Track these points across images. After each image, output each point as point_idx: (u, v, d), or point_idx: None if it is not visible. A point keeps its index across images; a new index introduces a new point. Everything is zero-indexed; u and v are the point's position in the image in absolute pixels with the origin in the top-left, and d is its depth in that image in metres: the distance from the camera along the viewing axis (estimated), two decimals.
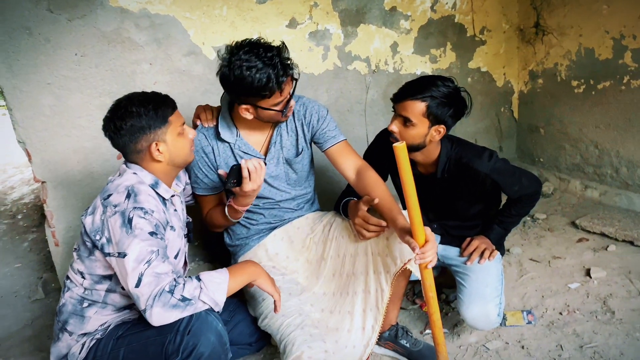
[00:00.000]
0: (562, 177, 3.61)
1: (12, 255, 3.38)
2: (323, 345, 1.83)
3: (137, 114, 1.63)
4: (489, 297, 2.05)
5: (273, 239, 2.19)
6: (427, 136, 1.97)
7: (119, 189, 1.62)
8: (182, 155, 1.77)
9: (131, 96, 1.68)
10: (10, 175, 5.01)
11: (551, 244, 2.93)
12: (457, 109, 1.95)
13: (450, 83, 1.93)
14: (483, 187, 2.11)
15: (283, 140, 2.09)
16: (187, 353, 1.54)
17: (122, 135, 1.65)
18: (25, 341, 2.49)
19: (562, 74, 3.42)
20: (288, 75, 1.79)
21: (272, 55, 1.75)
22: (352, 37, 3.02)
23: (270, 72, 1.73)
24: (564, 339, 2.15)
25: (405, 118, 1.94)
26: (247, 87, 1.75)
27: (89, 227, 1.62)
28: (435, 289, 1.75)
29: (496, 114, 3.79)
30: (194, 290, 1.54)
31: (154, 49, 2.49)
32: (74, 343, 1.72)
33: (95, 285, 1.70)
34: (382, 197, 1.93)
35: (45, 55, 2.27)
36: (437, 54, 3.37)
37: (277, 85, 1.77)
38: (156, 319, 1.50)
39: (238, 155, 2.03)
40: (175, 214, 1.82)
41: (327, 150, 2.10)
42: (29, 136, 2.32)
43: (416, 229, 1.66)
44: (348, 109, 3.13)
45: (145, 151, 1.70)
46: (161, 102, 1.69)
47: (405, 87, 1.96)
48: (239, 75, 1.73)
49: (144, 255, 1.51)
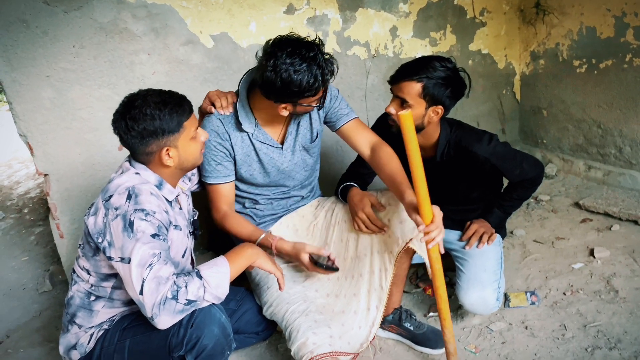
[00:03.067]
0: (565, 158, 3.59)
1: (20, 248, 3.42)
2: (328, 331, 1.84)
3: (150, 117, 1.57)
4: (486, 282, 2.06)
5: (278, 227, 2.19)
6: (425, 117, 1.95)
7: (119, 190, 1.57)
8: (191, 160, 1.74)
9: (147, 96, 1.60)
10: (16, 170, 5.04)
11: (555, 225, 2.92)
12: (455, 90, 1.93)
13: (448, 63, 1.91)
14: (483, 171, 2.09)
15: (299, 126, 2.08)
16: (191, 346, 1.55)
17: (133, 136, 1.60)
18: (34, 332, 2.52)
19: (563, 54, 3.39)
20: (331, 72, 1.79)
21: (315, 54, 1.73)
22: (350, 22, 3.00)
23: (317, 73, 1.73)
24: (568, 318, 2.15)
25: (401, 99, 1.92)
26: (294, 90, 1.74)
27: (92, 229, 1.59)
28: (441, 261, 1.75)
29: (498, 97, 3.76)
30: (197, 290, 1.51)
31: (152, 39, 2.48)
32: (83, 334, 1.73)
33: (101, 282, 1.70)
34: (394, 170, 1.94)
35: (43, 48, 2.27)
36: (437, 37, 3.34)
37: (323, 84, 1.77)
38: (163, 325, 1.49)
39: (256, 146, 2.01)
40: (180, 213, 1.79)
41: (341, 128, 2.10)
42: (30, 129, 2.33)
43: (422, 206, 1.66)
44: (348, 95, 3.12)
45: (154, 155, 1.65)
46: (178, 105, 1.63)
47: (401, 68, 1.95)
48: (287, 79, 1.71)
49: (146, 259, 1.48)
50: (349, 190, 2.12)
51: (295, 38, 1.76)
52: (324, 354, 1.77)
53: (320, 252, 1.92)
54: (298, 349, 1.79)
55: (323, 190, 2.41)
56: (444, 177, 2.16)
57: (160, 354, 1.61)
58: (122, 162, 1.74)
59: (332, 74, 1.80)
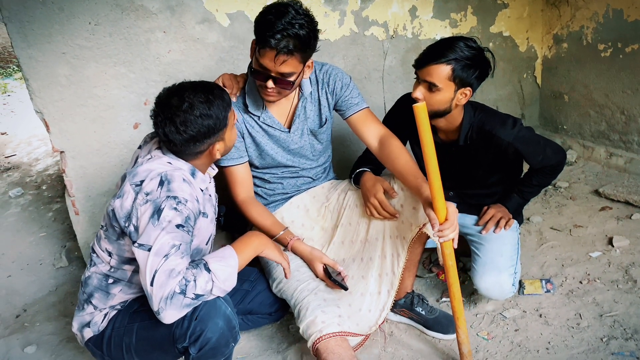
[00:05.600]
0: (586, 145, 3.51)
1: (38, 224, 3.46)
2: (337, 310, 1.84)
3: (202, 120, 1.57)
4: (502, 267, 2.03)
5: (289, 207, 2.19)
6: (454, 100, 1.92)
7: (151, 175, 1.56)
8: (232, 146, 1.78)
9: (191, 97, 1.57)
10: (35, 147, 5.08)
11: (573, 213, 2.87)
12: (482, 70, 1.90)
13: (473, 43, 1.87)
14: (505, 156, 2.06)
15: (307, 111, 2.06)
16: (195, 338, 1.54)
17: (185, 139, 1.59)
18: (50, 307, 2.57)
19: (588, 37, 3.29)
20: (288, 38, 1.69)
21: (292, 18, 1.69)
22: (369, 1, 2.94)
23: (278, 23, 1.68)
24: (583, 307, 2.12)
25: (430, 83, 1.88)
26: (256, 26, 1.75)
27: (118, 212, 1.57)
28: (454, 258, 1.73)
29: (518, 80, 3.68)
30: (205, 284, 1.49)
31: (168, 17, 2.46)
32: (98, 313, 1.75)
33: (122, 265, 1.70)
34: (406, 165, 1.92)
35: (60, 25, 2.26)
36: (458, 18, 3.27)
37: (273, 38, 1.68)
38: (169, 320, 1.47)
39: (263, 128, 2.01)
40: (209, 200, 1.79)
41: (350, 117, 2.07)
42: (46, 106, 2.34)
43: (437, 203, 1.64)
44: (365, 76, 3.07)
45: (204, 152, 1.67)
46: (222, 100, 1.63)
47: (427, 51, 1.91)
48: (257, 16, 1.75)
49: (164, 249, 1.46)
50: (362, 175, 2.10)
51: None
52: (333, 334, 1.77)
53: (335, 266, 1.95)
54: (307, 327, 1.80)
55: (338, 174, 2.39)
56: (464, 161, 2.13)
57: (165, 342, 1.61)
58: (150, 146, 1.73)
59: (287, 44, 1.70)
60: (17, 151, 5.04)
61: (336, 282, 1.89)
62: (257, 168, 2.12)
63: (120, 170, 2.53)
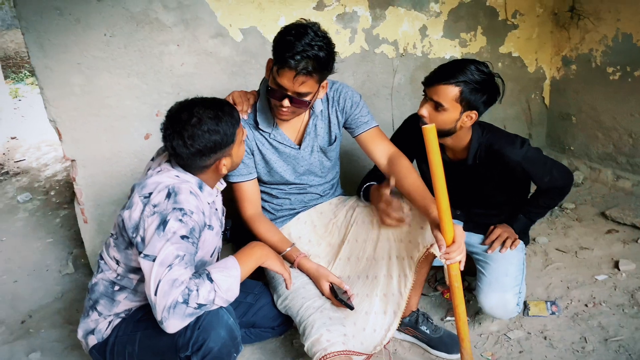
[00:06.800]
0: (592, 167, 3.52)
1: (45, 230, 3.48)
2: (342, 329, 1.84)
3: (209, 135, 1.60)
4: (507, 287, 2.03)
5: (296, 223, 2.19)
6: (458, 122, 1.94)
7: (159, 188, 1.59)
8: (239, 162, 1.80)
9: (200, 112, 1.60)
10: (44, 153, 5.13)
11: (579, 234, 2.87)
12: (490, 96, 1.91)
13: (484, 68, 1.88)
14: (513, 176, 2.07)
15: (318, 128, 2.08)
16: (197, 347, 1.55)
17: (192, 153, 1.61)
18: (55, 313, 2.57)
19: (597, 60, 3.31)
20: (309, 59, 1.71)
21: (312, 40, 1.72)
22: (380, 19, 2.97)
23: (298, 44, 1.70)
24: (589, 331, 2.11)
25: (436, 103, 1.90)
26: (275, 46, 1.77)
27: (127, 223, 1.60)
28: (461, 280, 1.74)
29: (526, 100, 3.70)
30: (208, 294, 1.50)
31: (182, 30, 2.50)
32: (102, 321, 1.77)
33: (129, 273, 1.73)
34: (414, 185, 1.92)
35: (76, 35, 2.30)
36: (467, 38, 3.29)
37: (293, 59, 1.70)
38: (172, 329, 1.49)
39: (273, 145, 2.03)
40: (215, 213, 1.81)
41: (359, 136, 2.09)
42: (60, 115, 2.37)
43: (444, 225, 1.65)
44: (374, 93, 3.10)
45: (210, 166, 1.69)
46: (230, 116, 1.66)
47: (438, 70, 1.92)
48: (276, 37, 1.77)
49: (168, 259, 1.49)
50: (370, 188, 2.12)
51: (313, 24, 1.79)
52: (337, 352, 1.76)
53: (341, 285, 1.94)
54: (312, 345, 1.80)
55: (345, 189, 2.40)
56: (472, 180, 2.14)
57: (167, 351, 1.62)
58: (161, 159, 1.75)
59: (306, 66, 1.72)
60: (26, 156, 5.09)
61: (342, 302, 1.89)
62: (265, 183, 2.13)
63: (129, 179, 2.56)
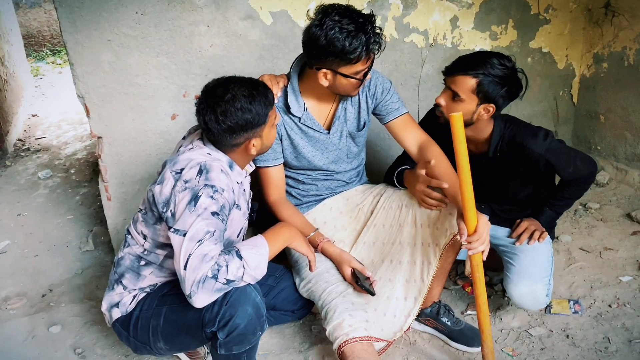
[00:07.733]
0: (619, 167, 3.46)
1: (65, 207, 3.51)
2: (364, 315, 1.84)
3: (241, 112, 1.61)
4: (538, 277, 2.01)
5: (322, 209, 2.19)
6: (475, 114, 1.92)
7: (191, 164, 1.60)
8: (269, 145, 1.80)
9: (235, 90, 1.62)
10: (65, 131, 5.16)
11: (603, 235, 2.82)
12: (510, 90, 1.89)
13: (507, 62, 1.86)
14: (536, 168, 2.04)
15: (347, 113, 2.06)
16: (224, 323, 1.56)
17: (223, 130, 1.62)
18: (75, 289, 2.60)
19: (630, 58, 3.24)
20: (378, 43, 1.76)
21: (365, 21, 1.72)
22: (411, 8, 2.93)
23: (362, 37, 1.71)
24: (612, 331, 2.08)
25: (454, 92, 1.89)
26: (336, 49, 1.72)
27: (157, 198, 1.62)
28: (483, 270, 1.72)
29: (554, 98, 3.63)
30: (237, 270, 1.52)
31: (212, 11, 2.48)
32: (127, 294, 1.78)
33: (156, 249, 1.74)
34: (445, 172, 1.91)
35: (108, 12, 2.30)
36: (498, 31, 3.24)
37: (366, 52, 1.74)
38: (200, 304, 1.50)
39: (303, 130, 2.02)
40: (243, 194, 1.82)
41: (389, 122, 2.08)
42: (88, 91, 2.38)
43: (467, 214, 1.64)
44: (401, 83, 3.06)
45: (240, 145, 1.70)
46: (264, 96, 1.66)
47: (459, 60, 1.91)
48: (332, 36, 1.70)
49: (199, 234, 1.50)
50: (403, 172, 2.10)
51: (348, 6, 1.77)
52: (359, 338, 1.77)
53: (363, 271, 1.92)
54: (333, 329, 1.80)
55: (368, 177, 2.39)
56: (494, 174, 2.11)
57: (193, 326, 1.63)
58: (193, 137, 1.76)
59: (379, 46, 1.78)
60: (47, 134, 5.13)
61: (363, 287, 1.88)
62: (291, 168, 2.12)
63: (155, 159, 2.56)
